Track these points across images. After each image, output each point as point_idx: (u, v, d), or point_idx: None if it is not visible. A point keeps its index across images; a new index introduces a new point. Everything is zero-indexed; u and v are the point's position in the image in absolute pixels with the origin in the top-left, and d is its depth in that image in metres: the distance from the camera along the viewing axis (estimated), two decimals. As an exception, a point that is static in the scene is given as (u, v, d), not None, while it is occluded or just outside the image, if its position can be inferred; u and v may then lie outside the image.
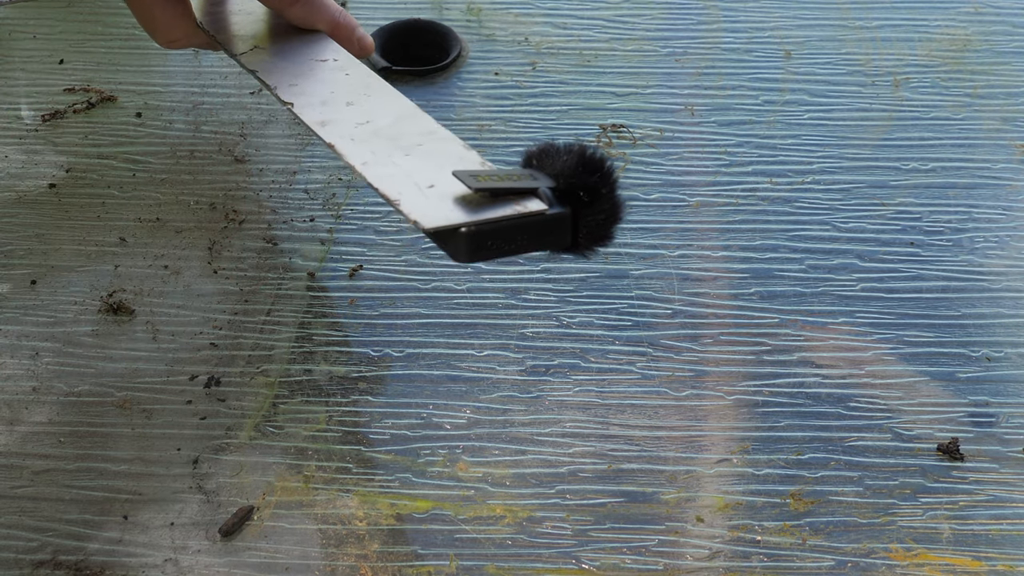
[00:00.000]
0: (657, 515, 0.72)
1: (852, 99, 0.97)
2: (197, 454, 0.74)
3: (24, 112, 0.94)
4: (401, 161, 0.68)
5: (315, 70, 0.78)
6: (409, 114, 0.73)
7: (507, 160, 0.91)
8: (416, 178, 0.66)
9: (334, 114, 0.73)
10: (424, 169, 0.67)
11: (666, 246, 0.86)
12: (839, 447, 0.76)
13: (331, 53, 0.80)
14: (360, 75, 0.77)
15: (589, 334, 0.81)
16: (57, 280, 0.83)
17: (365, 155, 0.69)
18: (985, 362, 0.80)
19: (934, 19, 1.04)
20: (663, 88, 0.98)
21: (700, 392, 0.78)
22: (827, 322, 0.82)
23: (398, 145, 0.70)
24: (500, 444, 0.75)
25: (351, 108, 0.74)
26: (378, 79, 0.77)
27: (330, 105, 0.74)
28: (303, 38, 0.81)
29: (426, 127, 0.72)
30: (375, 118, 0.72)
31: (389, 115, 0.73)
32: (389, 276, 0.84)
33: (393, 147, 0.70)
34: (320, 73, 0.77)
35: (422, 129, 0.71)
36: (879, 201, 0.89)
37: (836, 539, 0.72)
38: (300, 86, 0.76)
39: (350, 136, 0.71)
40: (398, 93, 0.76)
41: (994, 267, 0.85)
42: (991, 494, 0.74)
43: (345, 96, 0.75)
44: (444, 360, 0.79)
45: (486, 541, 0.71)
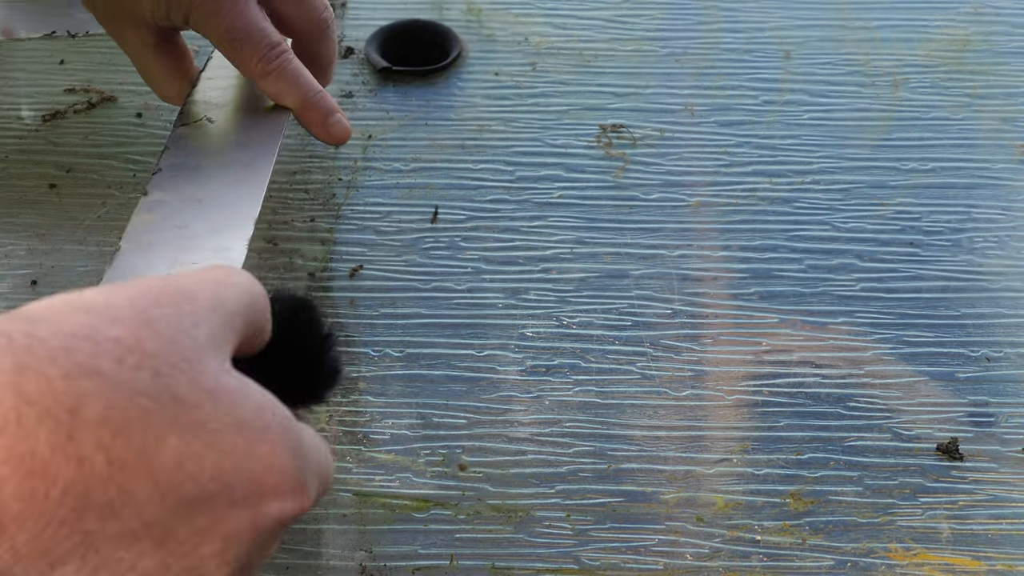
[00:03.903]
0: (657, 515, 0.73)
1: (852, 99, 0.97)
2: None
3: (25, 112, 0.94)
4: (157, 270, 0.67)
5: (217, 156, 0.76)
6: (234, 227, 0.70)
7: (506, 160, 0.91)
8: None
9: (168, 212, 0.71)
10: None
11: (666, 246, 0.86)
12: (839, 447, 0.76)
13: (259, 138, 0.77)
14: (250, 173, 0.74)
15: (589, 334, 0.81)
16: (58, 280, 0.83)
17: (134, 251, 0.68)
18: (984, 362, 0.80)
19: (933, 19, 1.04)
20: (663, 88, 0.98)
21: (700, 392, 0.78)
22: (827, 322, 0.82)
23: (176, 259, 0.68)
24: (500, 444, 0.75)
25: (198, 206, 0.71)
26: (258, 176, 0.74)
27: (179, 198, 0.72)
28: (255, 119, 0.79)
29: (228, 244, 0.69)
30: (197, 224, 0.70)
31: (212, 225, 0.70)
32: (389, 276, 0.84)
33: (169, 258, 0.68)
34: (219, 160, 0.75)
35: (220, 246, 0.69)
36: (878, 201, 0.89)
37: (836, 539, 0.72)
38: (186, 171, 0.74)
39: (146, 241, 0.69)
40: (257, 199, 0.72)
41: (993, 267, 0.85)
42: (990, 494, 0.74)
43: (205, 192, 0.73)
44: (444, 360, 0.80)
45: (486, 541, 0.71)
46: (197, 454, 0.43)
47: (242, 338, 0.49)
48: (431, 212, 0.88)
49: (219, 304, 0.48)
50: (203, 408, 0.43)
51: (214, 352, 0.46)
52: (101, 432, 0.41)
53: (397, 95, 0.97)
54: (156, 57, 0.79)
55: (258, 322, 0.51)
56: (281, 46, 0.77)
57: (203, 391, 0.44)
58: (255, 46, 0.77)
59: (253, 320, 0.50)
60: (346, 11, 1.03)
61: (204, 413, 0.43)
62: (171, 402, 0.43)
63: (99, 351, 0.42)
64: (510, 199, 0.89)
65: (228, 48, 0.77)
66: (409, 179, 0.90)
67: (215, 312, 0.47)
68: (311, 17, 0.80)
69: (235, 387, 0.45)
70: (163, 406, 0.42)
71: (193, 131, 0.78)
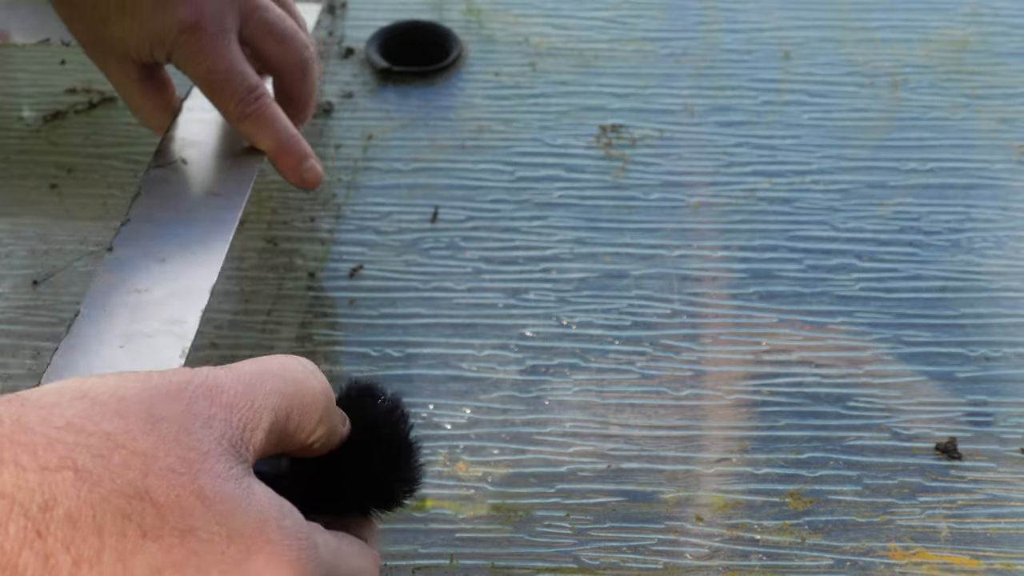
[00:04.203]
0: (656, 514, 0.73)
1: (851, 99, 0.97)
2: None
3: (26, 112, 0.94)
4: (108, 343, 0.67)
5: (187, 206, 0.76)
6: (190, 294, 0.70)
7: (506, 160, 0.92)
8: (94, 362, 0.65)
9: (129, 273, 0.71)
10: (117, 363, 0.66)
11: (666, 246, 0.86)
12: (838, 446, 0.76)
13: (229, 186, 0.77)
14: (216, 228, 0.74)
15: (589, 334, 0.81)
16: (59, 280, 0.83)
17: (92, 317, 0.68)
18: (983, 362, 0.80)
19: (932, 20, 1.04)
20: (662, 88, 0.98)
21: (699, 392, 0.78)
22: (826, 322, 0.82)
23: (128, 330, 0.68)
24: (500, 443, 0.76)
25: (157, 266, 0.72)
26: (226, 235, 0.74)
27: (144, 256, 0.72)
28: (228, 162, 0.79)
29: (182, 316, 0.69)
30: (156, 287, 0.70)
31: (170, 289, 0.70)
32: (389, 276, 0.84)
33: (122, 329, 0.68)
34: (188, 211, 0.75)
35: (174, 317, 0.69)
36: (878, 201, 0.90)
37: (835, 538, 0.72)
38: (152, 223, 0.74)
39: (104, 305, 0.69)
40: (216, 262, 0.72)
41: (992, 267, 0.86)
42: (989, 493, 0.74)
43: (169, 250, 0.73)
44: (444, 360, 0.80)
45: (486, 540, 0.71)
46: (177, 562, 0.41)
47: (279, 438, 0.47)
48: (431, 212, 0.88)
49: (248, 402, 0.46)
50: (193, 515, 0.41)
51: (224, 455, 0.44)
52: (69, 531, 0.39)
53: (397, 95, 0.97)
54: (139, 90, 0.79)
55: (306, 421, 0.48)
56: (259, 89, 0.78)
57: (197, 497, 0.42)
58: (234, 90, 0.77)
59: (300, 419, 0.48)
60: (346, 11, 1.03)
61: (194, 520, 0.41)
62: (155, 505, 0.41)
63: (82, 444, 0.40)
64: (510, 199, 0.89)
65: (207, 89, 0.78)
66: (409, 179, 0.90)
67: (237, 411, 0.45)
68: (293, 58, 0.80)
69: (236, 495, 0.43)
70: (144, 509, 0.40)
71: (166, 174, 0.78)
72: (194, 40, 0.75)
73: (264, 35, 0.78)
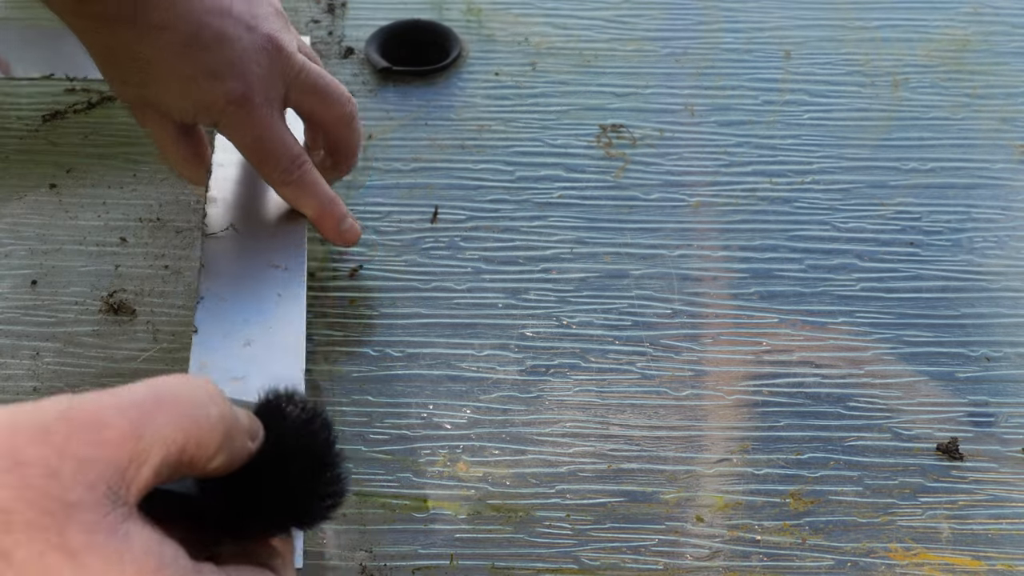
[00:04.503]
0: (657, 515, 0.73)
1: (851, 99, 0.97)
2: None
3: (25, 112, 0.94)
4: None
5: (253, 282, 0.76)
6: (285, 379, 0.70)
7: (506, 160, 0.91)
8: None
9: (221, 359, 0.72)
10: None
11: (666, 246, 0.86)
12: (839, 447, 0.76)
13: (286, 257, 0.78)
14: (288, 305, 0.75)
15: (589, 334, 0.81)
16: (58, 280, 0.83)
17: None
18: (984, 362, 0.80)
19: (933, 19, 1.04)
20: (663, 88, 0.98)
21: (700, 392, 0.78)
22: (826, 322, 0.82)
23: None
24: (500, 444, 0.75)
25: (244, 350, 0.72)
26: (300, 313, 0.75)
27: (229, 339, 0.73)
28: (277, 227, 0.80)
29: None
30: (251, 375, 0.71)
31: (267, 374, 0.70)
32: (389, 276, 0.84)
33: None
34: (256, 287, 0.76)
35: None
36: (878, 201, 0.89)
37: (836, 538, 0.72)
38: (227, 302, 0.75)
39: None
40: (300, 346, 0.73)
41: (993, 267, 0.85)
42: (990, 494, 0.74)
43: (251, 332, 0.73)
44: (444, 360, 0.80)
45: (486, 540, 0.71)
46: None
47: (174, 470, 0.44)
48: (431, 212, 0.88)
49: (133, 439, 0.43)
50: (61, 574, 0.39)
51: (98, 503, 0.41)
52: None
53: (397, 95, 0.97)
54: (176, 145, 0.80)
55: (203, 451, 0.45)
56: (301, 158, 0.79)
57: (63, 553, 0.39)
58: (278, 159, 0.78)
59: (196, 451, 0.45)
60: (346, 11, 1.03)
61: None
62: (15, 566, 0.39)
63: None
64: (510, 199, 0.89)
65: (253, 157, 0.79)
66: (409, 179, 0.90)
67: (120, 448, 0.42)
68: (336, 112, 0.80)
69: (109, 547, 0.41)
70: (3, 572, 0.38)
71: (222, 245, 0.79)
72: (242, 112, 0.76)
73: (308, 95, 0.79)
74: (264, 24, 0.76)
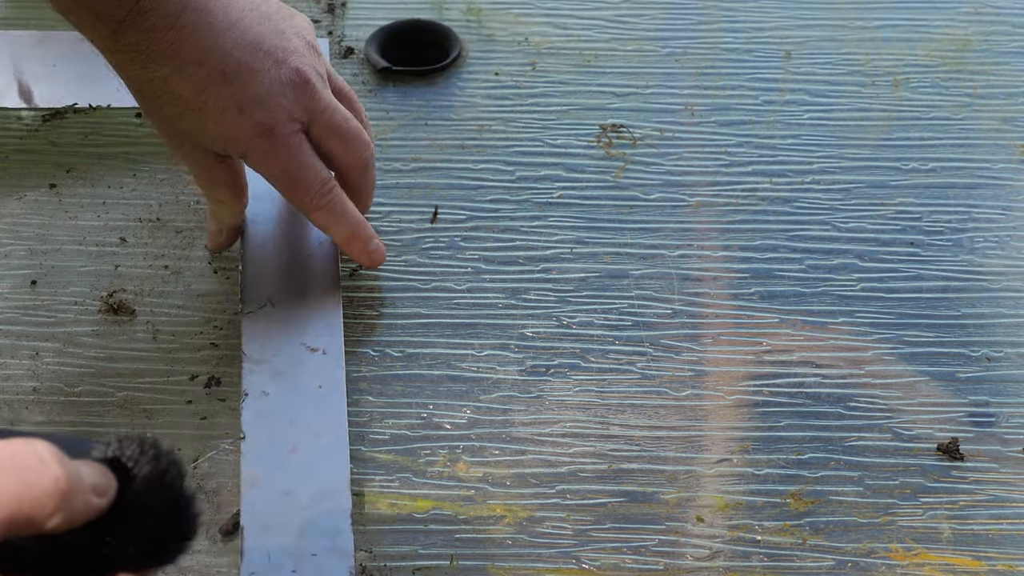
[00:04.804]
0: (657, 515, 0.72)
1: (852, 99, 0.97)
2: (197, 454, 0.74)
3: (24, 112, 0.94)
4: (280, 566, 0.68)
5: (295, 368, 0.77)
6: (332, 495, 0.71)
7: (506, 160, 0.91)
8: None
9: (269, 469, 0.72)
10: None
11: (666, 246, 0.86)
12: (839, 447, 0.76)
13: (324, 337, 0.78)
14: (330, 400, 0.75)
15: (589, 334, 0.81)
16: (58, 280, 0.83)
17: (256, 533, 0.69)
18: (985, 362, 0.80)
19: (934, 19, 1.04)
20: (663, 88, 0.98)
21: (700, 392, 0.78)
22: (827, 322, 0.82)
23: (296, 547, 0.69)
24: (500, 444, 0.75)
25: (291, 458, 0.72)
26: (341, 409, 0.75)
27: (274, 443, 0.73)
28: (311, 302, 0.81)
29: (335, 525, 0.69)
30: (300, 489, 0.71)
31: (315, 485, 0.71)
32: (389, 276, 0.84)
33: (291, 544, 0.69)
34: (297, 378, 0.76)
35: (331, 525, 0.70)
36: (879, 201, 0.89)
37: (836, 539, 0.72)
38: (270, 397, 0.75)
39: (263, 518, 0.70)
40: (344, 452, 0.73)
41: (994, 267, 0.85)
42: (991, 494, 0.74)
43: (296, 436, 0.74)
44: (444, 360, 0.79)
45: (486, 541, 0.71)
46: None
47: (6, 531, 0.45)
48: (431, 212, 0.88)
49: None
50: None
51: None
52: None
53: (397, 95, 0.97)
54: (212, 174, 0.80)
55: (37, 514, 0.46)
56: (330, 183, 0.79)
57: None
58: (308, 185, 0.79)
59: (30, 512, 0.45)
60: (346, 11, 1.03)
61: None
62: None
63: None
64: (510, 199, 0.89)
65: (283, 186, 0.79)
66: (409, 179, 0.90)
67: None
68: (354, 157, 0.81)
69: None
70: None
71: (261, 325, 0.79)
72: (268, 144, 0.77)
73: (329, 135, 0.79)
74: (293, 58, 0.77)
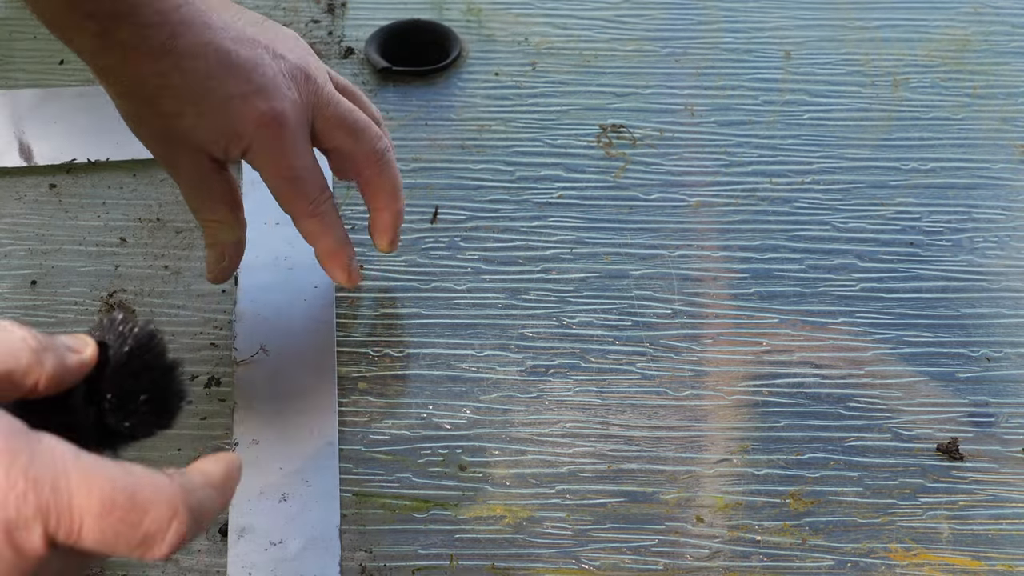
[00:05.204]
0: (657, 515, 0.73)
1: (852, 99, 0.97)
2: (197, 454, 0.74)
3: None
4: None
5: (286, 415, 0.76)
6: (321, 545, 0.71)
7: (506, 160, 0.91)
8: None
9: (260, 520, 0.72)
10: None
11: (666, 246, 0.86)
12: (839, 447, 0.76)
13: (316, 383, 0.78)
14: (321, 445, 0.75)
15: (589, 334, 0.81)
16: (58, 280, 0.83)
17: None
18: (984, 362, 0.80)
19: (934, 19, 1.04)
20: (663, 88, 0.98)
21: (700, 392, 0.78)
22: (827, 322, 0.82)
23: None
24: (500, 444, 0.75)
25: (281, 507, 0.72)
26: (332, 454, 0.75)
27: (265, 495, 0.73)
28: (304, 348, 0.80)
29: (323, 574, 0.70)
30: (289, 540, 0.71)
31: (304, 535, 0.71)
32: (389, 276, 0.84)
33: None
34: (288, 424, 0.76)
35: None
36: (879, 201, 0.89)
37: (836, 539, 0.72)
38: (259, 445, 0.75)
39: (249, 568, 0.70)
40: (334, 502, 0.73)
41: (994, 267, 0.85)
42: (991, 494, 0.74)
43: (287, 484, 0.73)
44: (444, 360, 0.80)
45: (486, 541, 0.71)
46: None
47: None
48: (431, 212, 0.88)
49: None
50: None
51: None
52: None
53: (397, 95, 0.97)
54: (208, 184, 0.77)
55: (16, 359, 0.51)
56: (328, 191, 0.77)
57: None
58: (308, 189, 0.76)
59: (4, 364, 0.50)
60: (346, 11, 1.03)
61: None
62: None
63: None
64: (510, 199, 0.89)
65: (283, 185, 0.76)
66: (409, 179, 0.90)
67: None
68: (365, 148, 0.78)
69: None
70: None
71: (252, 373, 0.78)
72: (272, 135, 0.74)
73: (335, 129, 0.77)
74: (292, 55, 0.76)
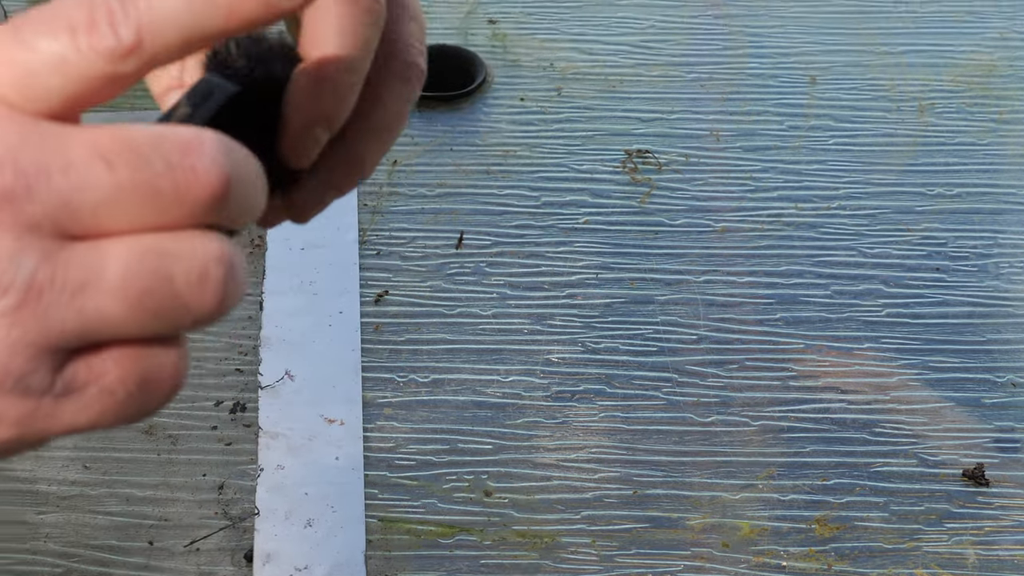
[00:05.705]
0: (682, 540, 0.72)
1: (877, 124, 0.97)
2: (223, 480, 0.74)
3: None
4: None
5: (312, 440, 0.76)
6: (347, 565, 0.71)
7: (532, 186, 0.92)
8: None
9: (285, 545, 0.72)
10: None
11: (691, 272, 0.86)
12: (864, 472, 0.76)
13: (343, 408, 0.78)
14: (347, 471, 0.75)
15: (614, 359, 0.81)
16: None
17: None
18: (1010, 388, 0.80)
19: (959, 45, 1.04)
20: (688, 113, 0.98)
21: (725, 418, 0.78)
22: (852, 348, 0.82)
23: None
24: (525, 469, 0.75)
25: (306, 532, 0.72)
26: (358, 479, 0.75)
27: (290, 520, 0.73)
28: (330, 372, 0.80)
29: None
30: (315, 566, 0.71)
31: (329, 560, 0.71)
32: (414, 302, 0.84)
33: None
34: (314, 449, 0.76)
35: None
36: (904, 226, 0.89)
37: (861, 564, 0.71)
38: (285, 470, 0.75)
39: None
40: (360, 513, 0.73)
41: (1020, 293, 0.85)
42: (1017, 520, 0.74)
43: (312, 510, 0.73)
44: (469, 386, 0.80)
45: (511, 567, 0.71)
46: None
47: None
48: (456, 237, 0.88)
49: None
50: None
51: None
52: None
53: (422, 120, 0.97)
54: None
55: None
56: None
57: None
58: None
59: None
60: (372, 37, 1.03)
61: None
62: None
63: None
64: (535, 224, 0.89)
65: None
66: (434, 204, 0.90)
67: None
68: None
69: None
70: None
71: (278, 398, 0.78)
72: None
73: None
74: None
